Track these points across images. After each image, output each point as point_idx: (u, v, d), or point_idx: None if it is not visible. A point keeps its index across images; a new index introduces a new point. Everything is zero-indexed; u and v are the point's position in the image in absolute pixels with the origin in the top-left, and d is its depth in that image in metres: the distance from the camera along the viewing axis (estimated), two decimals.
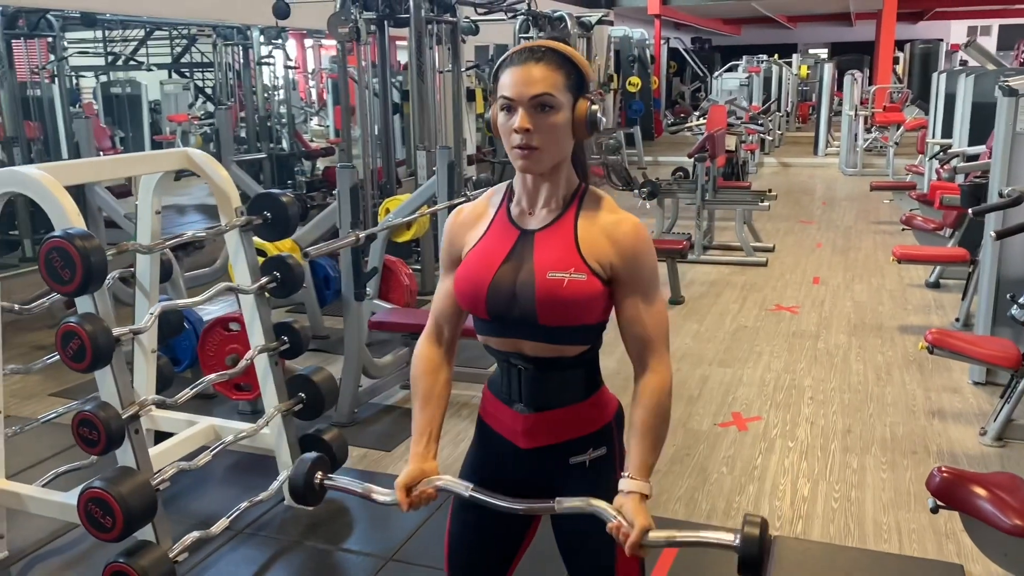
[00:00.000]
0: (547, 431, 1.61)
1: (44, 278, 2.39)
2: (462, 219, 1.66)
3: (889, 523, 3.12)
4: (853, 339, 5.21)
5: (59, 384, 4.55)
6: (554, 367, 1.59)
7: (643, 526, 1.43)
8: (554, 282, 1.51)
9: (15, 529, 3.00)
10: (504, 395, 1.64)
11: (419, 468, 1.60)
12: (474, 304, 1.58)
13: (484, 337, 1.63)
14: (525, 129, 1.49)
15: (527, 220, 1.59)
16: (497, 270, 1.56)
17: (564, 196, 1.58)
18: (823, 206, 10.24)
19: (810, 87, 18.39)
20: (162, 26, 10.25)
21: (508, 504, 1.54)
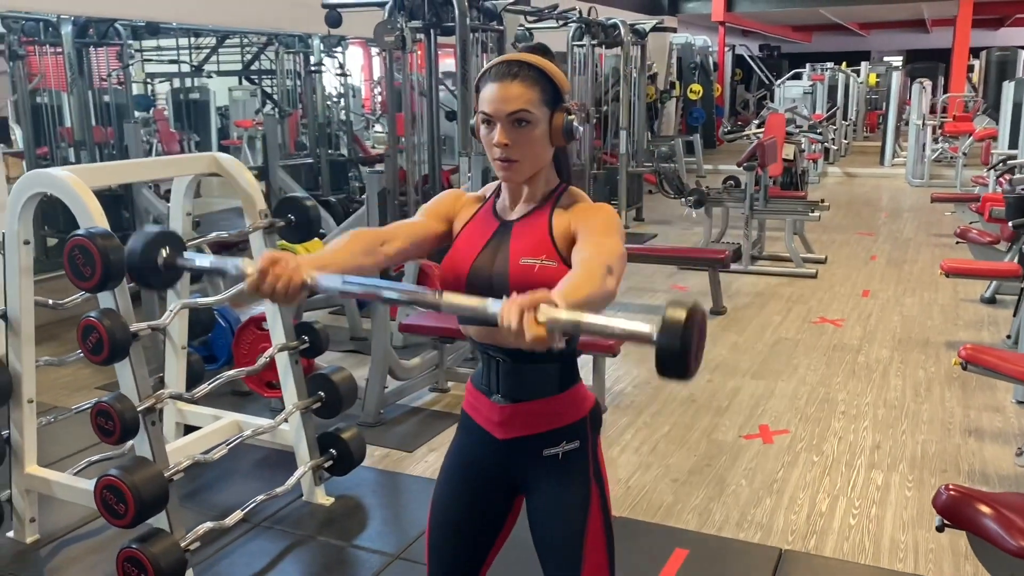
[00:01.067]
0: (522, 423, 1.67)
1: (67, 274, 2.51)
2: (462, 200, 1.76)
3: (907, 542, 3.04)
4: (896, 354, 5.08)
5: (108, 377, 4.74)
6: (530, 359, 1.63)
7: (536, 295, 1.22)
8: (526, 267, 1.58)
9: (46, 514, 3.15)
10: (484, 387, 1.71)
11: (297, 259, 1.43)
12: (456, 287, 1.64)
13: (466, 327, 1.69)
14: (504, 144, 1.58)
15: (508, 213, 1.69)
16: (476, 256, 1.64)
17: (544, 193, 1.68)
18: (884, 218, 9.98)
19: (879, 96, 17.93)
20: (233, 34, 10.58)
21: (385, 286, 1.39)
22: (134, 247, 1.52)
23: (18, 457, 2.98)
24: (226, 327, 4.34)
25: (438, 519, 1.78)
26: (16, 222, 2.76)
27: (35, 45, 7.51)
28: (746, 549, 3.01)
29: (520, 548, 1.84)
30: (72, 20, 7.19)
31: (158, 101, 12.34)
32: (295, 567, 3.00)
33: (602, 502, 1.70)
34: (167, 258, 1.50)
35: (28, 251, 2.83)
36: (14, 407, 2.94)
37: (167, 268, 1.51)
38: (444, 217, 1.73)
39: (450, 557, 1.78)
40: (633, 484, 3.49)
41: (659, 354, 1.16)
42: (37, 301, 2.92)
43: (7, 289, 2.86)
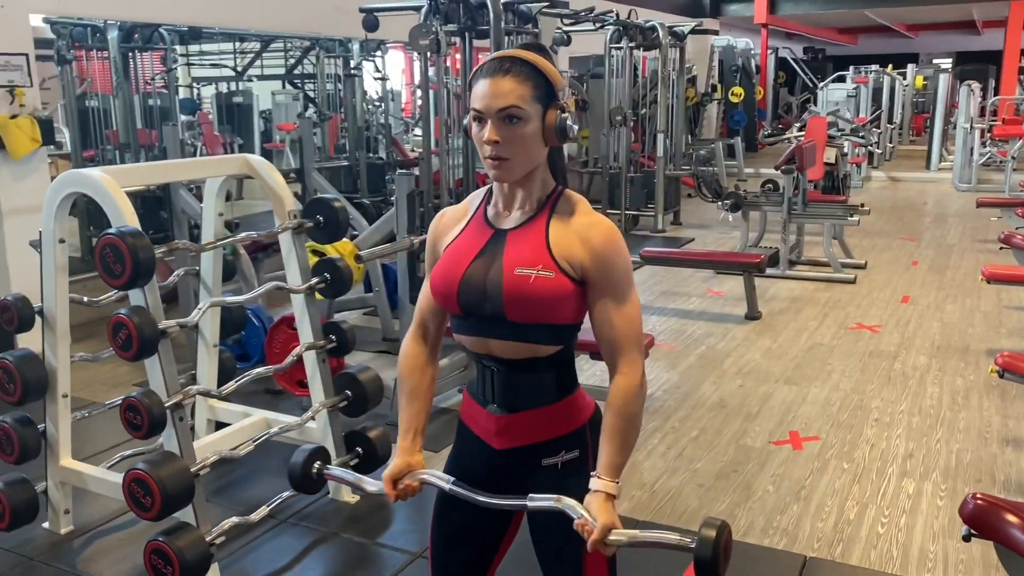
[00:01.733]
0: (520, 432, 1.65)
1: (99, 272, 2.58)
2: (444, 221, 1.73)
3: (936, 552, 2.98)
4: (934, 361, 4.98)
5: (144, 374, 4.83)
6: (526, 368, 1.62)
7: (605, 524, 1.47)
8: (521, 278, 1.55)
9: (80, 506, 3.23)
10: (479, 396, 1.68)
11: (405, 462, 1.68)
12: (446, 299, 1.63)
13: (459, 336, 1.68)
14: (494, 141, 1.53)
15: (502, 221, 1.64)
16: (468, 266, 1.61)
17: (539, 198, 1.62)
18: (928, 222, 9.79)
19: (926, 99, 17.59)
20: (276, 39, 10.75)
21: (484, 499, 1.59)
22: (295, 463, 1.78)
23: (53, 450, 3.07)
24: (259, 326, 4.41)
25: (440, 531, 1.78)
26: (52, 221, 2.84)
27: (83, 50, 7.70)
28: (770, 555, 2.98)
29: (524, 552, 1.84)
30: (118, 25, 7.37)
31: (203, 105, 12.59)
32: (319, 563, 3.04)
33: None
34: (318, 470, 1.78)
35: (63, 249, 2.90)
36: (50, 401, 3.02)
37: (318, 478, 1.79)
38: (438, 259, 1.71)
39: (453, 568, 1.78)
40: (658, 488, 3.47)
41: (697, 562, 1.41)
42: (72, 298, 3.00)
43: (43, 286, 2.94)
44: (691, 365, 4.97)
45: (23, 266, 4.66)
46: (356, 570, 3.00)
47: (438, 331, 1.78)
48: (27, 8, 5.05)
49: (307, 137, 5.86)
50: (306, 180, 5.99)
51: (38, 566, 2.97)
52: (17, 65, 4.85)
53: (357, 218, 6.17)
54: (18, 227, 4.80)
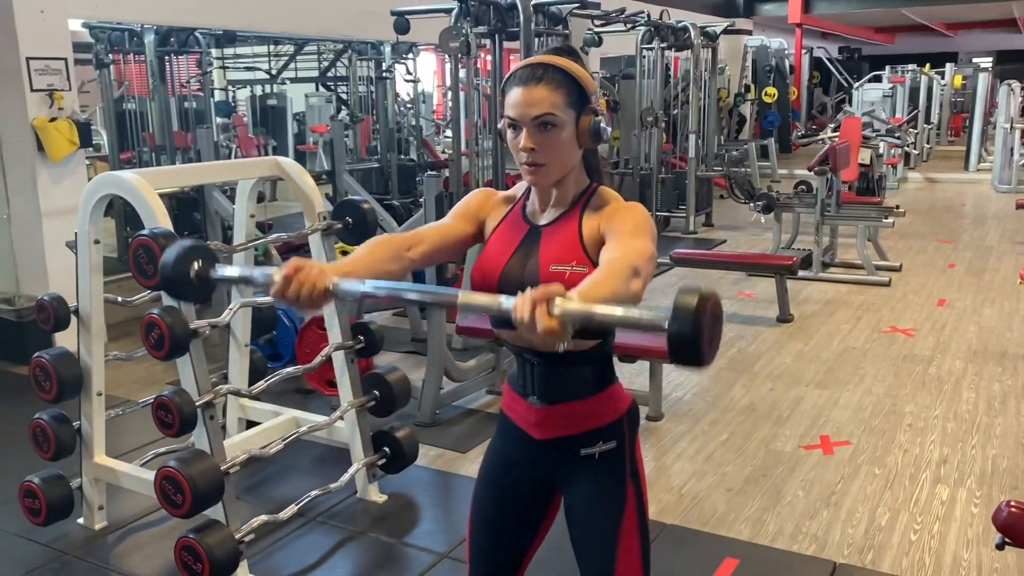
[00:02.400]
0: (559, 423, 1.68)
1: (132, 272, 2.63)
2: (494, 200, 1.76)
3: (970, 560, 2.93)
4: (970, 365, 4.89)
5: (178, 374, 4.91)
6: (564, 362, 1.64)
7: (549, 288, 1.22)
8: (556, 275, 1.57)
9: (114, 503, 3.28)
10: (520, 388, 1.72)
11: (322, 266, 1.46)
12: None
13: (499, 331, 1.72)
14: (530, 148, 1.58)
15: (538, 217, 1.69)
16: (507, 262, 1.64)
17: (573, 196, 1.66)
18: (966, 224, 9.62)
19: (965, 98, 17.29)
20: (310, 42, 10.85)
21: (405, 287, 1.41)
22: (167, 260, 1.54)
23: (88, 447, 3.12)
24: (290, 326, 4.45)
25: (478, 518, 1.81)
26: (87, 222, 2.89)
27: (120, 54, 7.84)
28: (798, 561, 2.95)
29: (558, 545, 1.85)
30: (155, 29, 7.49)
31: (238, 107, 12.75)
32: (346, 562, 3.06)
33: (638, 502, 1.70)
34: (199, 270, 1.52)
35: (98, 250, 2.96)
36: (84, 399, 3.08)
37: (199, 280, 1.53)
38: (473, 218, 1.73)
39: (490, 555, 1.81)
40: (686, 492, 3.45)
41: (671, 341, 1.15)
42: (106, 298, 3.05)
43: (79, 286, 2.99)
44: (721, 368, 4.93)
45: (61, 266, 4.74)
46: (383, 570, 3.01)
47: (422, 255, 1.67)
48: (66, 13, 5.15)
49: (338, 139, 5.91)
50: (337, 182, 6.04)
51: (73, 561, 3.02)
52: (56, 69, 4.95)
53: (387, 219, 6.21)
54: (57, 228, 4.89)
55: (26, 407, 3.55)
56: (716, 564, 2.90)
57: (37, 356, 2.99)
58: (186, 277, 1.52)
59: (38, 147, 4.89)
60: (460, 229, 1.72)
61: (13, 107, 4.89)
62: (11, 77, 4.85)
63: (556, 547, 1.86)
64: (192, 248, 1.54)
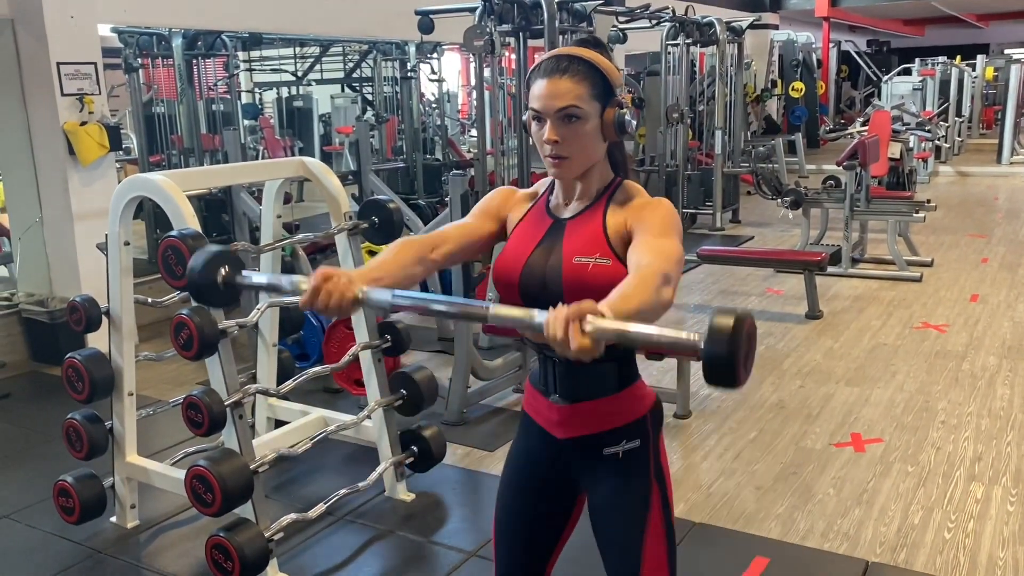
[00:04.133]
0: (581, 422, 1.67)
1: (161, 273, 2.65)
2: (515, 197, 1.76)
3: (1006, 559, 2.88)
4: (1004, 361, 4.81)
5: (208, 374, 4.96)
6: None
7: (582, 305, 1.22)
8: (579, 266, 1.56)
9: (146, 501, 3.32)
10: (542, 387, 1.70)
11: (350, 274, 1.46)
12: (508, 287, 1.65)
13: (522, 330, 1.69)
14: (554, 140, 1.56)
15: (562, 211, 1.67)
16: (530, 255, 1.63)
17: (598, 189, 1.65)
18: (999, 219, 9.47)
19: (997, 90, 17.00)
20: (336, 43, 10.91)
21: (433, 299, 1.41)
22: (194, 266, 1.55)
23: (120, 447, 3.16)
24: (317, 326, 4.48)
25: (502, 519, 1.81)
26: (117, 224, 2.92)
27: (149, 58, 7.92)
28: (830, 560, 2.91)
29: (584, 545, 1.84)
30: (182, 33, 7.57)
31: (265, 109, 12.85)
32: (375, 560, 3.07)
33: (663, 501, 1.68)
34: (226, 276, 1.53)
35: (128, 252, 2.99)
36: (116, 399, 3.11)
37: (226, 286, 1.54)
38: (495, 216, 1.73)
39: (516, 556, 1.80)
40: (715, 490, 3.42)
41: (706, 363, 1.15)
42: (137, 299, 3.09)
43: (109, 288, 3.03)
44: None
45: (93, 268, 4.81)
46: (411, 568, 3.02)
47: (445, 256, 1.66)
48: (95, 18, 5.21)
49: (363, 140, 5.94)
50: (363, 182, 6.06)
51: (106, 559, 3.06)
52: (86, 74, 5.02)
53: (413, 219, 6.22)
54: (88, 230, 4.96)
55: (59, 407, 3.61)
56: (746, 563, 2.88)
57: (69, 357, 3.03)
58: (213, 283, 1.53)
59: (69, 151, 4.95)
60: (482, 227, 1.72)
61: (44, 111, 4.96)
62: (42, 82, 4.92)
63: (582, 546, 1.84)
64: (219, 254, 1.54)
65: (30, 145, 5.06)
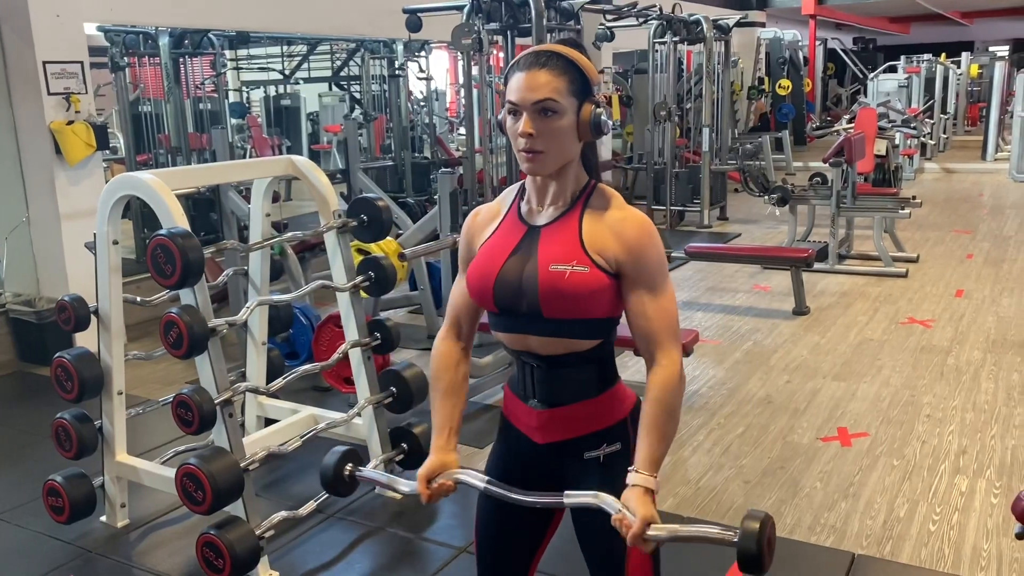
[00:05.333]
0: (561, 426, 1.66)
1: (150, 272, 2.65)
2: (479, 220, 1.74)
3: (990, 550, 2.92)
4: (989, 356, 4.86)
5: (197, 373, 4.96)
6: (565, 363, 1.63)
7: (644, 517, 1.46)
8: (556, 274, 1.55)
9: (135, 500, 3.32)
10: (520, 391, 1.69)
11: (440, 460, 1.68)
12: (482, 296, 1.64)
13: (497, 333, 1.69)
14: (529, 134, 1.55)
15: (535, 217, 1.65)
16: (504, 263, 1.61)
17: (572, 193, 1.63)
18: (984, 215, 9.54)
19: (982, 88, 17.13)
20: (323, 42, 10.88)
21: (520, 496, 1.60)
22: (327, 464, 1.80)
23: (110, 446, 3.16)
24: (307, 324, 4.48)
25: (484, 524, 1.80)
26: (105, 223, 2.92)
27: (135, 56, 7.89)
28: (817, 553, 2.94)
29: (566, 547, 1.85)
30: (169, 32, 7.54)
31: (252, 108, 12.80)
32: (366, 557, 3.08)
33: None
34: (350, 471, 1.79)
35: (116, 251, 2.99)
36: (105, 399, 3.11)
37: (351, 480, 1.80)
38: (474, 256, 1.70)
39: (498, 559, 1.80)
40: (703, 485, 3.45)
41: (740, 556, 1.38)
42: (125, 298, 3.08)
43: (98, 287, 3.03)
44: (737, 361, 4.92)
45: (81, 268, 4.80)
46: (402, 564, 3.03)
47: (471, 329, 1.78)
48: (82, 17, 5.19)
49: (352, 138, 5.93)
50: (351, 180, 6.06)
51: (96, 558, 3.06)
52: (73, 73, 5.00)
53: (402, 217, 6.23)
54: (75, 230, 4.95)
55: (48, 407, 3.61)
56: (732, 557, 2.89)
57: (58, 356, 3.02)
58: (341, 478, 1.79)
59: (56, 150, 4.94)
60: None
61: (30, 111, 4.94)
62: (28, 81, 4.91)
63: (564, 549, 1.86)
64: (346, 454, 1.80)
65: (16, 145, 5.04)
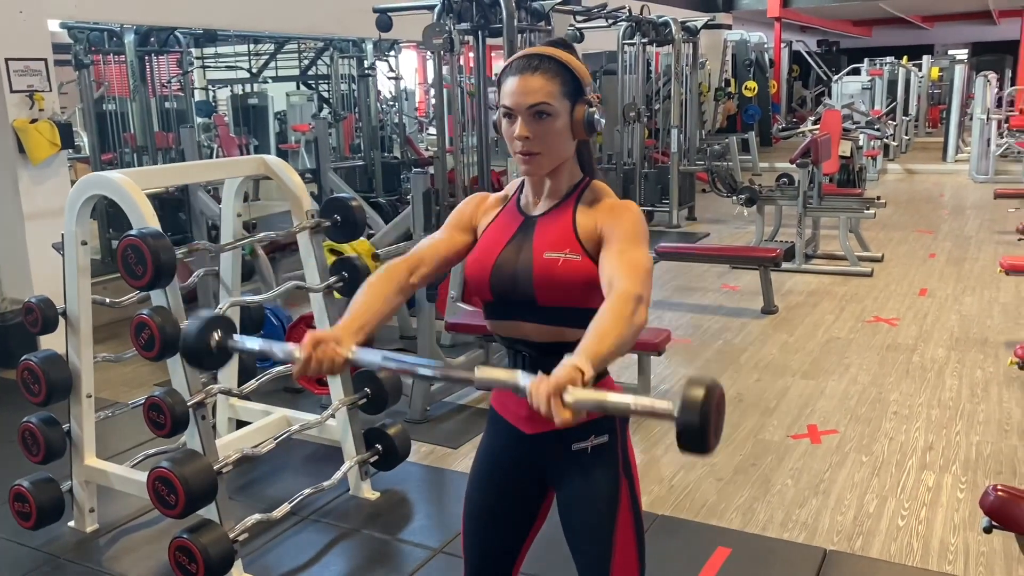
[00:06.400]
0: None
1: (121, 273, 2.62)
2: (487, 203, 1.78)
3: (957, 544, 2.98)
4: (953, 353, 4.95)
5: (166, 374, 4.87)
6: (557, 352, 1.61)
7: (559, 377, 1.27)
8: (549, 261, 1.59)
9: (104, 504, 3.27)
10: None
11: (338, 335, 1.50)
12: (479, 284, 1.67)
13: (491, 322, 1.72)
14: (525, 137, 1.59)
15: (532, 208, 1.70)
16: (501, 252, 1.66)
17: (567, 188, 1.68)
18: (945, 215, 9.72)
19: (942, 90, 17.45)
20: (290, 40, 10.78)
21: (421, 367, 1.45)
22: (188, 332, 1.58)
23: (78, 449, 3.11)
24: (277, 325, 4.44)
25: (472, 515, 1.82)
26: (74, 224, 2.87)
27: (100, 54, 7.77)
28: (789, 549, 2.98)
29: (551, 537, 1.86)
30: (134, 29, 7.43)
31: (219, 107, 12.66)
32: (341, 559, 3.06)
33: (632, 496, 1.71)
34: (219, 341, 1.56)
35: (85, 251, 2.94)
36: (74, 402, 3.06)
37: (219, 351, 1.57)
38: (467, 227, 1.75)
39: (486, 552, 1.81)
40: (676, 483, 3.48)
41: (680, 431, 1.21)
42: (94, 300, 3.03)
43: (66, 288, 2.98)
44: (707, 360, 4.97)
45: (46, 269, 4.71)
46: (378, 566, 3.02)
47: (424, 278, 1.71)
48: (45, 13, 5.10)
49: (322, 137, 5.90)
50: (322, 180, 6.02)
51: (65, 564, 3.01)
52: (36, 70, 4.91)
53: (373, 217, 6.20)
54: (40, 230, 4.85)
55: (12, 411, 3.54)
56: (708, 553, 2.93)
57: (25, 359, 2.97)
58: (207, 347, 1.56)
59: (19, 149, 4.84)
60: (456, 240, 1.73)
61: None
62: None
63: (548, 540, 1.87)
64: (211, 320, 1.58)
65: None
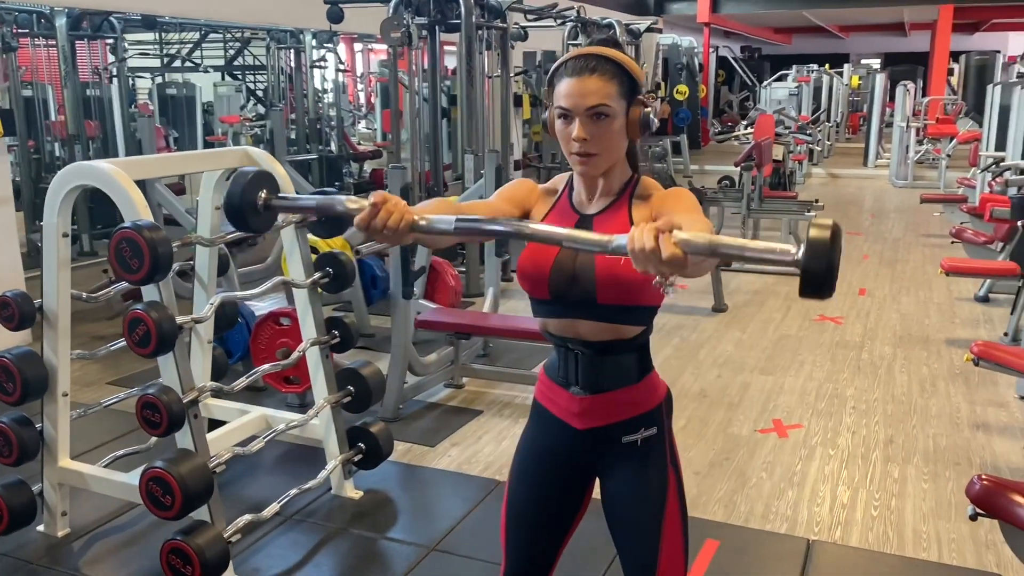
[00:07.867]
0: (602, 412, 1.70)
1: (113, 267, 2.51)
2: (536, 193, 1.78)
3: (929, 532, 3.12)
4: (898, 351, 5.18)
5: (117, 373, 4.72)
6: (610, 351, 1.68)
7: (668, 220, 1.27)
8: (612, 261, 1.57)
9: (76, 508, 3.13)
10: (561, 379, 1.73)
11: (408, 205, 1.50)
12: (536, 284, 1.67)
13: (544, 320, 1.72)
14: (583, 139, 1.60)
15: (586, 207, 1.71)
16: (559, 252, 1.64)
17: (619, 186, 1.70)
18: (871, 218, 10.13)
19: (861, 98, 18.17)
20: (217, 29, 10.49)
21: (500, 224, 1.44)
22: (234, 189, 1.50)
23: (51, 451, 2.97)
24: (242, 323, 4.33)
25: (517, 509, 1.81)
26: (55, 215, 2.75)
27: (29, 37, 7.42)
28: (775, 540, 3.07)
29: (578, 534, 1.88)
30: (66, 12, 7.13)
31: (138, 96, 12.20)
32: (332, 559, 3.01)
33: (679, 486, 1.74)
34: (266, 199, 1.47)
35: (66, 244, 2.81)
36: (48, 401, 2.92)
37: (266, 209, 1.49)
38: (520, 205, 1.74)
39: (529, 546, 1.82)
40: None
41: (805, 275, 1.16)
42: (73, 294, 2.90)
43: (44, 282, 2.84)
44: (668, 356, 5.06)
45: None
46: (372, 565, 2.98)
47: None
48: None
49: (278, 130, 5.77)
50: None
51: (39, 570, 2.87)
52: None
53: None
54: None
55: None
56: (698, 545, 2.99)
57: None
58: (254, 206, 1.47)
59: None
60: (508, 212, 1.72)
61: None
62: None
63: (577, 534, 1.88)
64: (257, 175, 1.50)
65: None
